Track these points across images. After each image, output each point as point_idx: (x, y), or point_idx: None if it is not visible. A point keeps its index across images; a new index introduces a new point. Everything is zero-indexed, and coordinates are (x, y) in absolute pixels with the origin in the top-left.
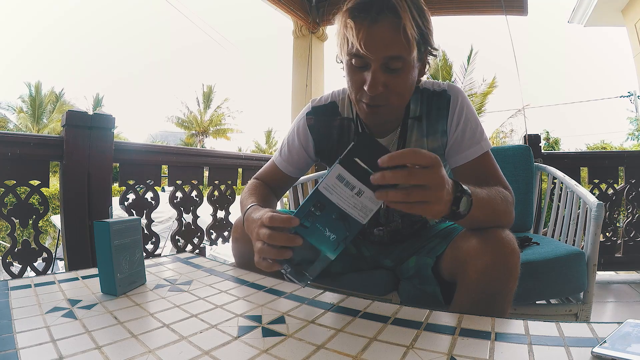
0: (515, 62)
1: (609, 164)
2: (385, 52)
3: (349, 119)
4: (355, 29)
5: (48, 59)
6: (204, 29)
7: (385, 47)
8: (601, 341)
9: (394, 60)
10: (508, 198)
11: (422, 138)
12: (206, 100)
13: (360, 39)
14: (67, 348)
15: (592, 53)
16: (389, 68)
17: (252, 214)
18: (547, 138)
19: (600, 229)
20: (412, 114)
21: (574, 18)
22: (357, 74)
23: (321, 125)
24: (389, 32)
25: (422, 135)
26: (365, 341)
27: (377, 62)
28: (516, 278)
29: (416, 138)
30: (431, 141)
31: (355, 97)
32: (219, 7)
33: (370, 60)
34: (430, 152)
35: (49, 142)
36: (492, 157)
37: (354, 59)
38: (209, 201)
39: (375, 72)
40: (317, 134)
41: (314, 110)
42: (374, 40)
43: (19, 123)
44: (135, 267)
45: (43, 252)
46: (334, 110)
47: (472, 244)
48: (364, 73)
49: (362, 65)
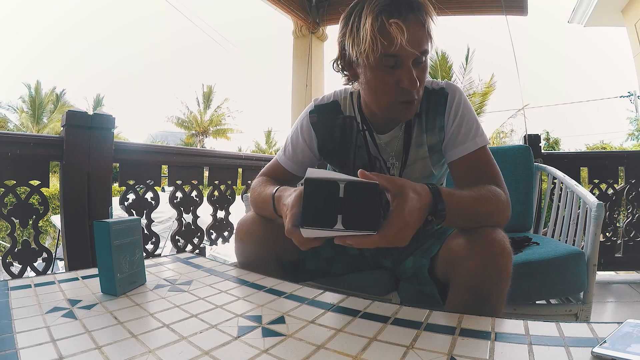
0: (515, 62)
1: (609, 164)
2: (420, 48)
3: (350, 117)
4: (397, 28)
5: (48, 59)
6: (203, 29)
7: (419, 43)
8: (601, 341)
9: (424, 54)
10: (501, 197)
11: (422, 134)
12: (206, 100)
13: (402, 37)
14: (67, 348)
15: (592, 53)
16: (417, 63)
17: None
18: (547, 138)
19: (600, 229)
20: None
21: (574, 18)
22: (388, 74)
23: (324, 124)
24: (419, 28)
25: (422, 131)
26: (365, 341)
27: (411, 58)
28: (508, 277)
29: (417, 134)
30: (430, 136)
31: (387, 97)
32: (219, 8)
33: (404, 58)
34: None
35: (49, 142)
36: (489, 153)
37: (387, 60)
38: (209, 201)
39: (410, 67)
40: (320, 132)
41: (316, 109)
42: (411, 37)
43: (19, 123)
44: (135, 267)
45: (43, 252)
46: (336, 109)
47: (462, 245)
48: (396, 72)
49: (393, 65)
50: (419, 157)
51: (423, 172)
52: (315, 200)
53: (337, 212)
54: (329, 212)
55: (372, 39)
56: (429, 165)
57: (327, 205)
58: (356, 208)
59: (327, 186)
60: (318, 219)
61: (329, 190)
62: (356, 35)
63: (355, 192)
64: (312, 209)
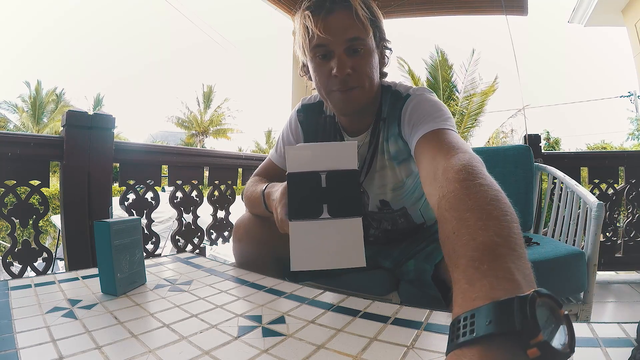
0: (516, 62)
1: (609, 164)
2: (345, 35)
3: (331, 117)
4: (314, 19)
5: (48, 59)
6: (204, 29)
7: (345, 31)
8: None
9: (355, 42)
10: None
11: (385, 141)
12: (206, 100)
13: (319, 26)
14: (67, 348)
15: (592, 53)
16: (351, 51)
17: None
18: (548, 138)
19: (601, 229)
20: (383, 114)
21: (574, 18)
22: (323, 65)
23: (309, 122)
24: (345, 18)
25: (384, 138)
26: (365, 341)
27: (340, 46)
28: None
29: (382, 140)
30: (391, 145)
31: (326, 89)
32: (219, 8)
33: (334, 46)
34: None
35: (49, 142)
36: (455, 135)
37: (318, 50)
38: (209, 201)
39: (340, 55)
40: (306, 130)
41: (303, 108)
42: (333, 26)
43: (20, 123)
44: (135, 267)
45: (43, 252)
46: (320, 109)
47: None
48: (330, 62)
49: (326, 54)
50: (386, 165)
51: (394, 180)
52: (299, 192)
53: (321, 201)
54: (314, 203)
55: (301, 34)
56: (397, 176)
57: (311, 197)
58: (339, 195)
59: (309, 178)
60: (304, 211)
61: (311, 182)
62: (297, 35)
63: (336, 181)
64: (297, 201)
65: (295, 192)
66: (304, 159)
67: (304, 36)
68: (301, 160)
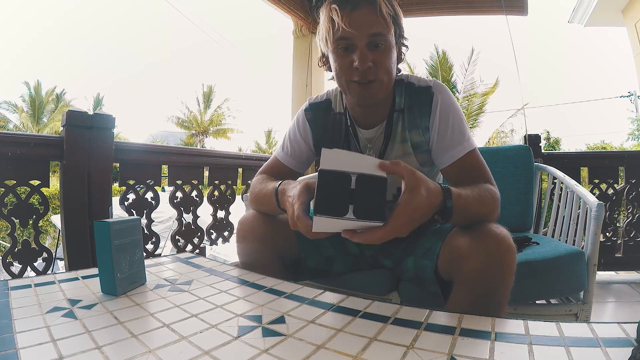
0: (516, 62)
1: (609, 164)
2: (369, 30)
3: (340, 113)
4: (340, 13)
5: (48, 59)
6: (204, 29)
7: (368, 26)
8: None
9: (377, 37)
10: (496, 195)
11: (405, 131)
12: (206, 100)
13: (345, 20)
14: (67, 348)
15: (592, 53)
16: (373, 45)
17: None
18: (548, 138)
19: (600, 229)
20: (397, 106)
21: (574, 18)
22: (345, 57)
23: (318, 120)
24: (369, 14)
25: (404, 128)
26: (365, 341)
27: (363, 40)
28: (512, 274)
29: (400, 130)
30: (414, 135)
31: (346, 79)
32: (219, 8)
33: (357, 40)
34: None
35: (49, 142)
36: (479, 154)
37: (340, 43)
38: (209, 201)
39: (362, 49)
40: (315, 127)
41: (311, 107)
42: (357, 21)
43: (19, 123)
44: (135, 267)
45: (43, 252)
46: (328, 107)
47: (466, 242)
48: (352, 55)
49: (348, 47)
50: (404, 153)
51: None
52: (328, 190)
53: (348, 202)
54: (341, 202)
55: (325, 27)
56: (415, 163)
57: (339, 195)
58: (366, 199)
59: (339, 177)
60: (331, 208)
61: (341, 181)
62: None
63: (365, 185)
64: (325, 198)
65: (324, 188)
66: (337, 159)
67: (329, 28)
68: (335, 160)
